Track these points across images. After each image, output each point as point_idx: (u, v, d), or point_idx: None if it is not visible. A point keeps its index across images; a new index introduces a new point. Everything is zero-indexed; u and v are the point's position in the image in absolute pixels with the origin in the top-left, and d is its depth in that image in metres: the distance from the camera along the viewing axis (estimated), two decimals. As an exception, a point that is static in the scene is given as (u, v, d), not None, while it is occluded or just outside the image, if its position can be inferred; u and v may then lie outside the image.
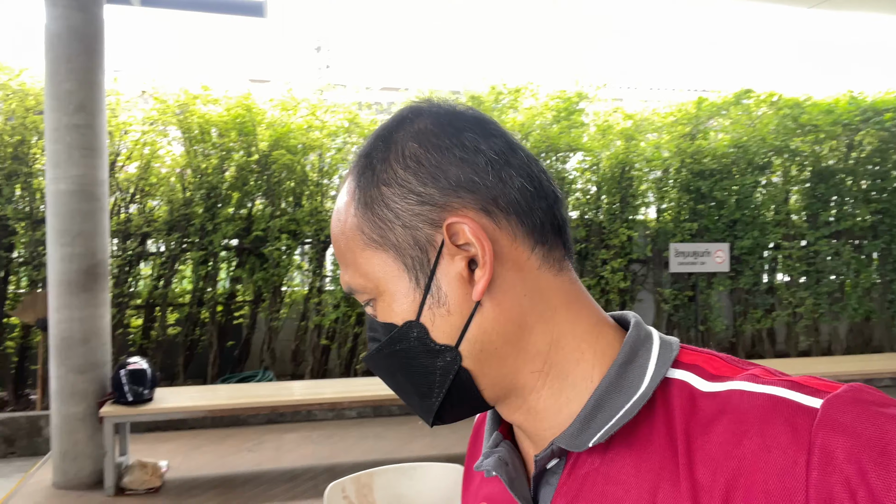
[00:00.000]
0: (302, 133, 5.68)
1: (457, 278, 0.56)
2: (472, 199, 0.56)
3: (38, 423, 4.68)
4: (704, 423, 0.51)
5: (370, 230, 0.57)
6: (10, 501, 3.74)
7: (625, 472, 0.53)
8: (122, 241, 5.48)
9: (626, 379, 0.55)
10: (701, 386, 0.53)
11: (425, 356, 0.57)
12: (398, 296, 0.57)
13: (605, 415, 0.54)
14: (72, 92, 3.85)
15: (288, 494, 3.86)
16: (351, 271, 0.60)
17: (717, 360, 0.56)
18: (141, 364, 4.03)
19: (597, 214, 6.34)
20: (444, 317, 0.56)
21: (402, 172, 0.56)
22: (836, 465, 0.44)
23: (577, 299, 0.59)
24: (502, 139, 0.59)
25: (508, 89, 6.07)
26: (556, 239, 0.59)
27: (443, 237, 0.55)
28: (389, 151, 0.57)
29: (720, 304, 6.62)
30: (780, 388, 0.50)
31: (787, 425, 0.47)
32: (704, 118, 6.43)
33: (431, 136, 0.57)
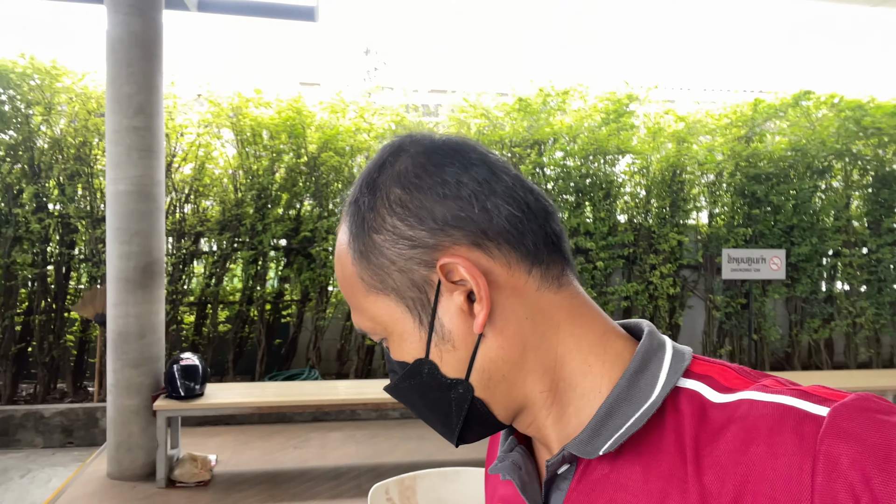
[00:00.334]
0: (350, 135, 5.75)
1: (458, 313, 0.57)
2: (461, 236, 0.57)
3: (95, 415, 4.86)
4: (713, 431, 0.52)
5: (369, 277, 0.59)
6: (67, 490, 3.89)
7: (634, 479, 0.54)
8: (177, 240, 5.65)
9: (636, 388, 0.56)
10: (712, 397, 0.54)
11: (438, 390, 0.59)
12: (405, 335, 0.59)
13: (616, 423, 0.55)
14: (131, 95, 3.99)
15: (332, 493, 3.90)
16: (359, 315, 0.62)
17: (729, 372, 0.57)
18: (193, 360, 4.14)
19: (646, 218, 6.21)
20: (450, 352, 0.58)
21: (391, 219, 0.58)
22: (841, 471, 0.45)
23: (580, 313, 0.60)
24: (483, 166, 0.59)
25: (556, 91, 6.00)
26: (552, 255, 0.59)
27: (438, 277, 0.57)
28: (376, 198, 0.59)
29: (775, 312, 6.40)
30: (789, 397, 0.51)
31: (794, 433, 0.48)
32: (761, 120, 6.23)
33: (413, 178, 0.58)
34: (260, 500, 3.78)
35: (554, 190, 5.98)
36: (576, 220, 5.89)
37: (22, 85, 5.11)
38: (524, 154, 5.91)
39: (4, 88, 5.09)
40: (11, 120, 5.13)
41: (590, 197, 6.01)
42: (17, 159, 5.19)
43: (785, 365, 6.57)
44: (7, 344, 5.15)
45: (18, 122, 5.14)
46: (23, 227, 5.11)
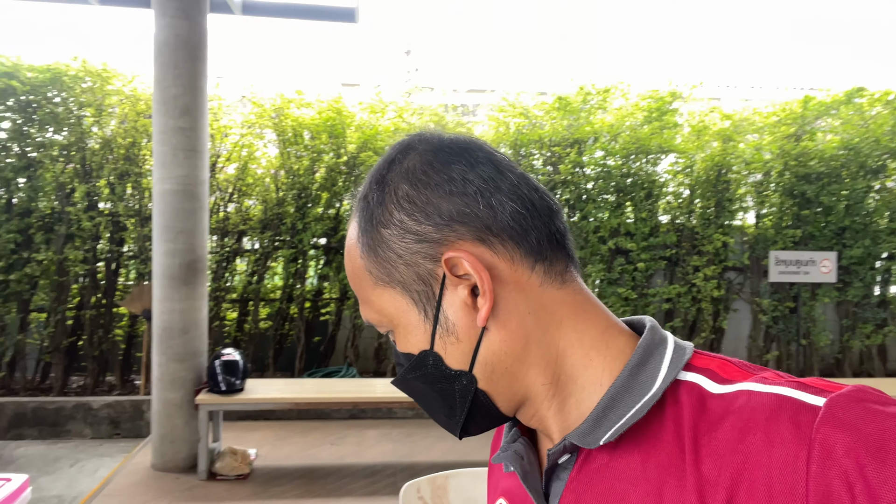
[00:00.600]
0: (389, 135, 5.78)
1: (462, 307, 0.59)
2: (466, 231, 0.58)
3: (141, 407, 5.00)
4: (712, 421, 0.53)
5: (377, 270, 0.61)
6: (113, 480, 4.01)
7: (632, 468, 0.55)
8: (221, 238, 5.78)
9: (637, 380, 0.57)
10: (711, 388, 0.55)
11: (443, 381, 0.61)
12: (411, 328, 0.61)
13: (617, 413, 0.56)
14: (177, 97, 4.09)
15: (367, 490, 3.93)
16: (367, 307, 0.64)
17: (729, 365, 0.58)
18: (234, 356, 4.22)
19: (689, 219, 6.07)
20: (454, 344, 0.60)
21: (398, 214, 0.60)
22: (836, 459, 0.46)
23: (583, 309, 0.62)
24: (489, 164, 0.61)
25: (597, 89, 5.92)
26: (556, 252, 0.61)
27: (443, 271, 0.59)
28: (384, 194, 0.61)
29: (825, 317, 6.18)
30: (787, 388, 0.52)
31: (790, 422, 0.49)
32: (811, 118, 6.02)
33: (421, 175, 0.60)
34: (297, 495, 3.84)
35: (594, 190, 5.90)
36: (616, 220, 5.79)
37: (75, 87, 5.29)
38: (563, 153, 5.85)
39: (58, 91, 5.28)
40: (65, 121, 5.32)
41: (631, 197, 5.91)
42: (70, 159, 5.38)
43: (835, 371, 6.33)
44: (59, 337, 5.35)
45: (71, 123, 5.33)
46: (75, 225, 5.29)
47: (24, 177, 5.31)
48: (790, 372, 6.12)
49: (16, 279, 5.19)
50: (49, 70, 5.20)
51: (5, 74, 5.09)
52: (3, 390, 5.31)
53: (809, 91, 6.34)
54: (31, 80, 5.18)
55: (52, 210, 5.33)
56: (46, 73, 5.19)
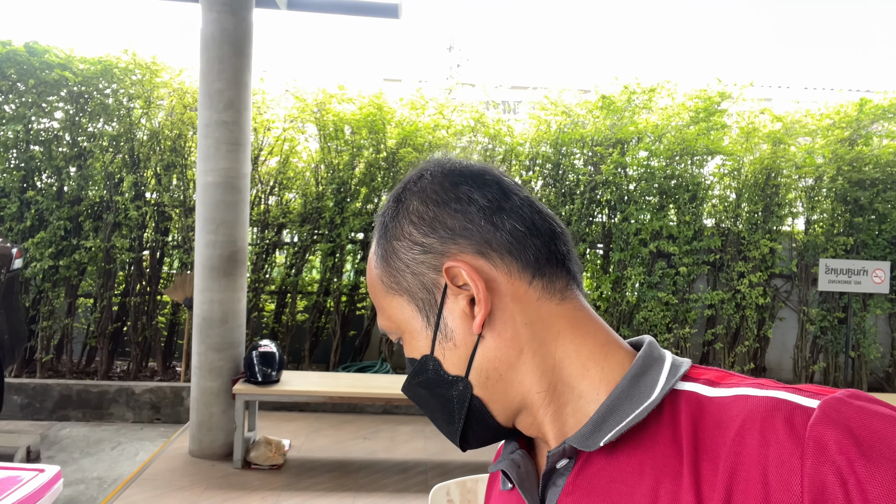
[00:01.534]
0: (429, 131, 5.77)
1: (461, 315, 0.63)
2: (467, 245, 0.64)
3: (181, 394, 5.11)
4: (709, 423, 0.55)
5: (388, 279, 0.67)
6: (151, 464, 4.11)
7: (629, 471, 0.57)
8: (261, 230, 5.86)
9: (637, 389, 0.60)
10: (707, 393, 0.57)
11: (442, 386, 0.65)
12: (416, 334, 0.66)
13: (616, 418, 0.58)
14: (222, 91, 4.15)
15: (398, 486, 3.93)
16: (381, 315, 0.70)
17: (725, 374, 0.61)
18: (271, 347, 4.27)
19: (735, 223, 5.90)
20: (452, 350, 0.64)
21: (408, 227, 0.66)
22: (829, 455, 0.48)
23: (582, 324, 0.65)
24: (496, 187, 0.66)
25: (642, 89, 5.79)
26: (556, 271, 0.65)
27: (445, 280, 0.63)
28: (398, 210, 0.67)
29: (876, 328, 5.95)
30: (782, 392, 0.54)
31: (785, 422, 0.50)
32: (867, 122, 5.78)
33: (431, 193, 0.66)
34: (329, 488, 3.86)
35: (636, 191, 5.78)
36: (658, 223, 5.67)
37: (125, 79, 5.42)
38: (605, 153, 5.74)
39: (109, 83, 5.42)
40: (115, 112, 5.46)
41: (674, 199, 5.77)
42: (119, 150, 5.52)
43: (885, 385, 6.09)
44: (105, 323, 5.51)
45: (121, 114, 5.47)
46: (122, 214, 5.43)
47: (75, 166, 5.47)
48: (837, 385, 5.91)
49: (65, 265, 5.36)
50: (100, 62, 5.34)
51: (59, 66, 5.25)
52: (51, 372, 5.49)
53: (866, 94, 6.09)
54: (83, 71, 5.33)
55: (100, 199, 5.48)
56: (98, 65, 5.34)
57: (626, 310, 5.79)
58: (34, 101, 5.30)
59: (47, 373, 5.46)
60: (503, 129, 5.88)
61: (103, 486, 3.85)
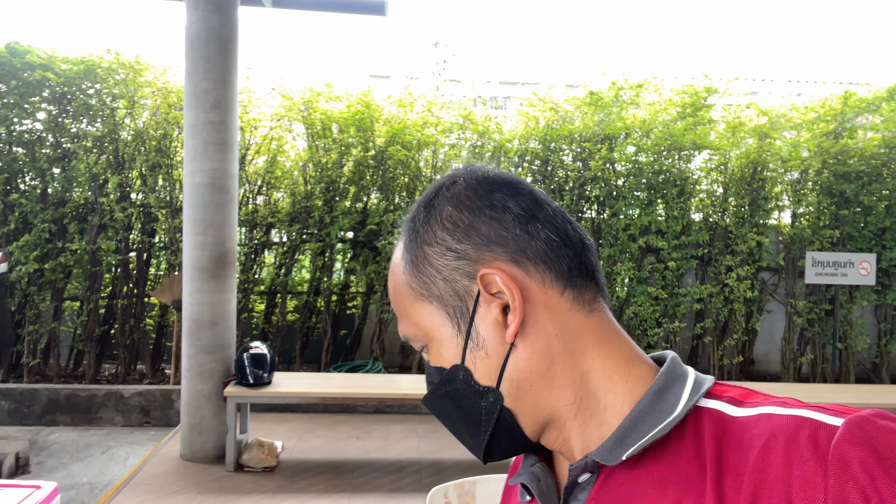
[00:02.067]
0: (417, 129, 5.75)
1: (493, 324, 0.62)
2: (502, 252, 0.63)
3: (171, 397, 5.07)
4: (733, 442, 0.54)
5: (417, 285, 0.65)
6: (143, 469, 4.07)
7: (651, 486, 0.57)
8: (250, 230, 5.81)
9: (660, 404, 0.60)
10: (732, 412, 0.57)
11: (471, 397, 0.64)
12: (444, 342, 0.64)
13: (639, 433, 0.58)
14: (208, 90, 4.10)
15: (392, 486, 3.92)
16: (405, 322, 0.67)
17: (749, 392, 0.60)
18: (262, 349, 4.24)
19: (722, 217, 5.94)
20: (483, 359, 0.62)
21: (441, 233, 0.64)
22: (852, 473, 0.47)
23: (608, 337, 0.64)
24: (529, 196, 0.65)
25: (630, 84, 5.80)
26: (586, 282, 0.65)
27: (478, 287, 0.62)
28: (430, 215, 0.66)
29: (863, 320, 6.01)
30: (806, 410, 0.54)
31: (809, 440, 0.50)
32: (851, 115, 5.83)
33: (465, 199, 0.65)
34: (323, 489, 3.85)
35: (625, 187, 5.80)
36: (647, 217, 5.69)
37: (108, 79, 5.35)
38: (594, 149, 5.75)
39: (92, 82, 5.35)
40: (98, 113, 5.39)
41: (662, 194, 5.80)
42: (103, 150, 5.45)
43: (872, 377, 6.16)
44: (92, 326, 5.45)
45: (104, 115, 5.40)
46: (107, 216, 5.37)
47: (59, 167, 5.40)
48: (825, 376, 5.98)
49: (50, 268, 5.29)
50: (83, 62, 5.27)
51: (41, 66, 5.17)
52: (38, 377, 5.43)
53: (850, 86, 6.14)
54: (65, 71, 5.25)
55: (85, 200, 5.42)
56: (80, 64, 5.26)
57: (616, 305, 5.81)
58: (16, 102, 5.21)
59: (34, 377, 5.39)
60: (492, 126, 5.87)
61: (94, 492, 3.81)
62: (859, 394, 4.59)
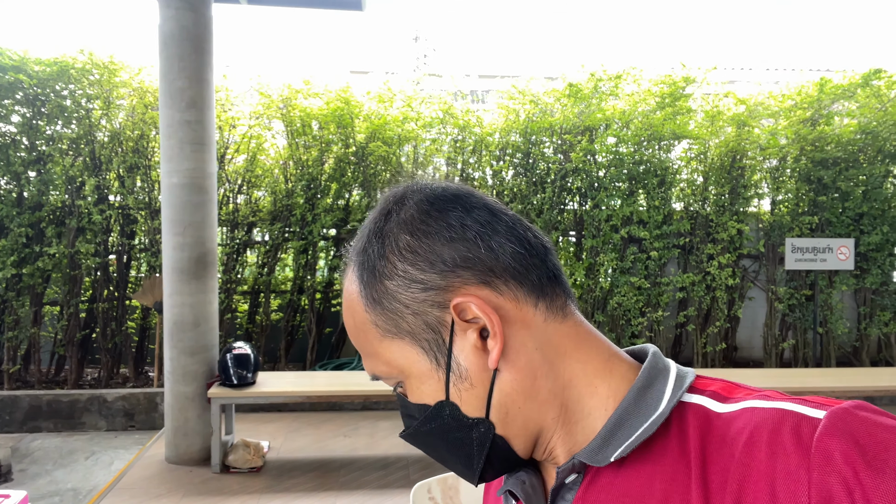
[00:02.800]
0: (398, 125, 5.73)
1: (472, 351, 0.59)
2: (470, 275, 0.59)
3: (155, 400, 5.02)
4: (717, 438, 0.54)
5: (384, 323, 0.61)
6: (127, 473, 4.04)
7: (638, 485, 0.56)
8: (231, 230, 5.77)
9: (644, 401, 0.59)
10: (715, 408, 0.57)
11: (460, 430, 0.61)
12: (423, 377, 0.61)
13: (625, 432, 0.58)
14: (183, 89, 4.06)
15: (380, 482, 3.92)
16: (373, 360, 0.63)
17: (732, 385, 0.60)
18: (245, 349, 4.21)
19: (703, 206, 5.99)
20: (468, 390, 0.60)
21: (401, 265, 0.60)
22: (835, 466, 0.48)
23: (585, 340, 0.63)
24: (485, 209, 0.62)
25: (608, 75, 5.82)
26: (554, 289, 0.63)
27: (452, 317, 0.59)
28: (385, 246, 0.61)
29: (843, 304, 6.10)
30: (789, 403, 0.54)
31: (792, 433, 0.50)
32: (828, 101, 5.89)
33: (420, 224, 0.61)
34: (310, 488, 3.84)
35: (606, 178, 5.82)
36: (629, 208, 5.72)
37: (82, 80, 5.27)
38: (574, 141, 5.77)
39: (65, 84, 5.27)
40: (73, 114, 5.31)
41: (643, 184, 5.82)
42: (79, 152, 5.38)
43: (853, 360, 6.25)
44: (72, 330, 5.38)
45: (79, 116, 5.32)
46: (85, 219, 5.30)
47: (35, 170, 5.31)
48: (807, 361, 6.05)
49: (28, 273, 5.21)
50: (56, 63, 5.18)
51: (13, 68, 5.08)
52: (19, 383, 5.36)
53: (826, 73, 6.20)
54: (38, 73, 5.16)
55: (62, 204, 5.34)
56: (53, 66, 5.18)
57: (599, 296, 5.84)
58: (-12, 105, 5.12)
59: (15, 384, 5.32)
60: (472, 120, 5.86)
61: (78, 498, 3.77)
62: (840, 377, 4.65)
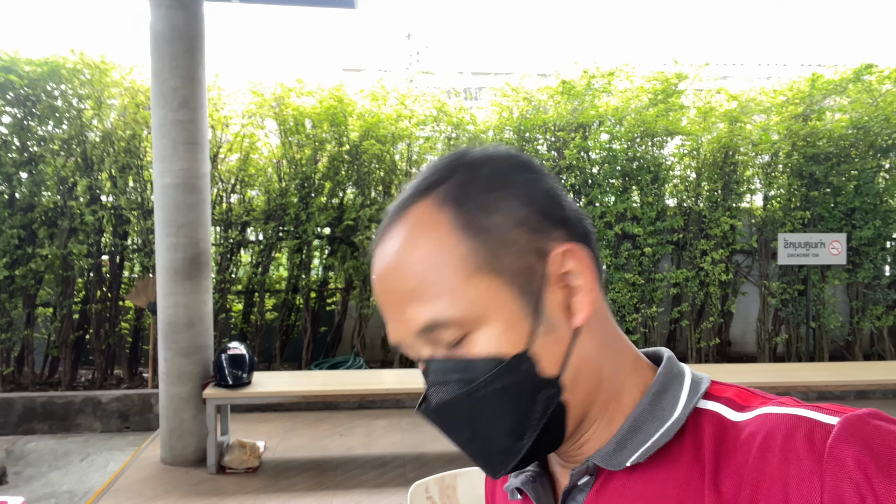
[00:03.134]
0: (391, 122, 5.72)
1: (559, 307, 0.57)
2: (570, 231, 0.59)
3: (150, 401, 5.01)
4: (732, 445, 0.54)
5: (484, 254, 0.56)
6: (123, 475, 4.02)
7: (650, 489, 0.56)
8: (225, 229, 5.75)
9: (659, 406, 0.59)
10: (731, 416, 0.56)
11: (530, 390, 0.56)
12: (508, 325, 0.55)
13: (641, 437, 0.57)
14: (175, 89, 4.04)
15: (377, 481, 3.92)
16: (441, 303, 0.55)
17: (746, 393, 0.59)
18: (240, 349, 4.20)
19: (696, 202, 6.01)
20: (551, 345, 0.56)
21: (507, 202, 0.57)
22: (847, 472, 0.47)
23: (619, 336, 0.63)
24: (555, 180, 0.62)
25: (601, 72, 5.83)
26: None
27: (549, 267, 0.57)
28: (490, 183, 0.58)
29: (835, 298, 6.13)
30: (803, 409, 0.54)
31: (805, 439, 0.50)
32: (819, 97, 5.92)
33: (527, 171, 0.59)
34: (307, 487, 3.84)
35: (599, 174, 5.83)
36: (622, 204, 5.73)
37: (73, 80, 5.24)
38: (568, 138, 5.77)
39: (56, 84, 5.23)
40: (64, 114, 5.28)
41: (637, 181, 5.84)
42: (71, 153, 5.34)
43: (845, 354, 6.29)
44: (66, 332, 5.35)
45: (71, 116, 5.29)
46: (78, 219, 5.27)
47: (26, 171, 5.28)
48: (800, 355, 6.09)
49: (21, 274, 5.18)
50: (47, 63, 5.15)
51: (3, 69, 5.04)
52: (13, 385, 5.33)
53: (818, 68, 6.23)
54: (28, 73, 5.13)
55: (54, 205, 5.31)
56: (44, 66, 5.14)
57: (594, 292, 5.85)
58: (-22, 105, 5.08)
59: (9, 386, 5.29)
60: (466, 118, 5.86)
61: (74, 500, 3.76)
62: (833, 371, 4.67)
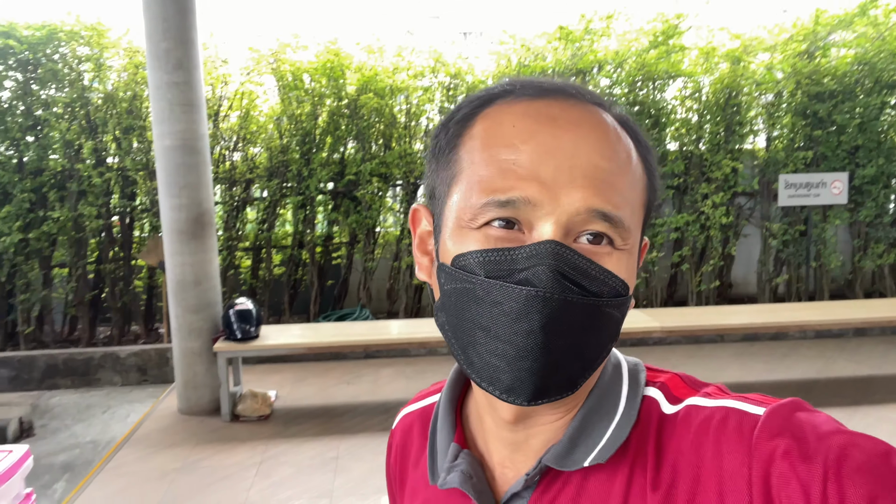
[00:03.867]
0: (388, 75, 5.70)
1: None
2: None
3: (166, 355, 5.22)
4: (668, 438, 0.57)
5: (647, 195, 0.60)
6: (143, 425, 4.25)
7: (598, 485, 0.58)
8: (229, 187, 5.84)
9: (606, 400, 0.60)
10: (665, 409, 0.59)
11: (620, 328, 0.57)
12: (634, 261, 0.58)
13: (593, 435, 0.58)
14: (169, 51, 4.07)
15: (383, 426, 4.11)
16: (628, 211, 0.56)
17: (676, 380, 0.62)
18: (246, 304, 4.35)
19: (697, 145, 5.98)
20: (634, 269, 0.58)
21: (652, 160, 0.62)
22: (774, 461, 0.50)
23: None
24: None
25: (600, 16, 5.73)
26: None
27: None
28: (644, 138, 0.61)
29: (836, 238, 6.14)
30: (731, 401, 0.56)
31: (735, 431, 0.53)
32: (824, 33, 5.79)
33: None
34: (316, 433, 4.04)
35: (599, 121, 5.80)
36: (622, 150, 5.71)
37: (71, 43, 5.27)
38: (567, 85, 5.72)
39: (55, 48, 5.27)
40: (66, 78, 5.33)
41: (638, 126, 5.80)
42: (75, 116, 5.42)
43: (846, 292, 6.34)
44: (82, 291, 5.55)
45: (72, 79, 5.34)
46: (86, 182, 5.39)
47: (32, 135, 5.37)
48: (800, 294, 6.14)
49: (34, 237, 5.34)
50: (45, 27, 5.17)
51: (2, 34, 5.08)
52: (35, 344, 5.57)
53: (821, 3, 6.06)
54: (27, 38, 5.16)
55: (62, 168, 5.42)
56: (42, 30, 5.17)
57: (595, 239, 5.91)
58: (-21, 72, 5.15)
59: (31, 344, 5.53)
60: (464, 67, 5.82)
61: (97, 450, 4.00)
62: (832, 310, 4.74)
